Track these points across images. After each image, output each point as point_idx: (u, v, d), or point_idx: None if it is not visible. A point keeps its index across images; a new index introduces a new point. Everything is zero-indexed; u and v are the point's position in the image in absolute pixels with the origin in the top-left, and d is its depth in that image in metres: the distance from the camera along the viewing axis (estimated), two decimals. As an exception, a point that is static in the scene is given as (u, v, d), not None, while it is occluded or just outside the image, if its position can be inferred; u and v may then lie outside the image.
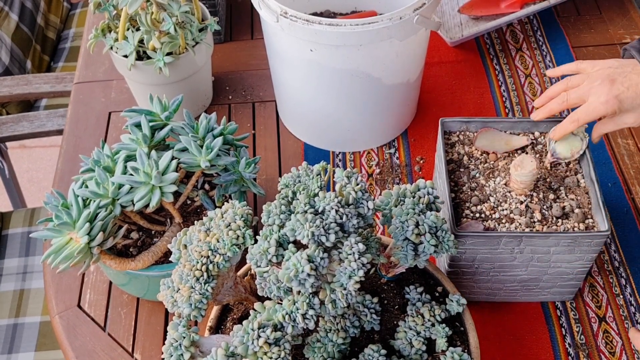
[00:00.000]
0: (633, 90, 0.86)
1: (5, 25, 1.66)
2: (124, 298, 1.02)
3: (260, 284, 0.73)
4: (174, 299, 0.73)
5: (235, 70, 1.33)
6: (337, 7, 1.27)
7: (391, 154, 1.18)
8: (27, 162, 2.39)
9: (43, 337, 1.26)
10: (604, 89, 0.86)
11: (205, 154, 0.89)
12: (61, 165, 1.19)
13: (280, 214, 0.72)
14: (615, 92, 0.85)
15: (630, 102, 0.86)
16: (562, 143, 0.92)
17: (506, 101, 1.25)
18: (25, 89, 1.50)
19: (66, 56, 1.83)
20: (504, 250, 0.86)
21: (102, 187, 0.86)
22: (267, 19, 0.99)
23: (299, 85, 1.10)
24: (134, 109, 0.94)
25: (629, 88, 0.85)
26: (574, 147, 0.92)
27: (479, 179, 0.92)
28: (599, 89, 0.87)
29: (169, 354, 0.70)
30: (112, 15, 1.12)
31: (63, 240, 0.84)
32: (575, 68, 0.93)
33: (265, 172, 1.16)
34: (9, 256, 1.38)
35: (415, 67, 1.10)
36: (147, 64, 1.09)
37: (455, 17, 1.36)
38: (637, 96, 0.86)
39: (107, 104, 1.29)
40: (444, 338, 0.79)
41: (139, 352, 0.96)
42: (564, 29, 1.37)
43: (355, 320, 0.78)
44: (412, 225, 0.73)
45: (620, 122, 0.88)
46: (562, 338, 0.95)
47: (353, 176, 0.73)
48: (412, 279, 0.88)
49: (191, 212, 0.99)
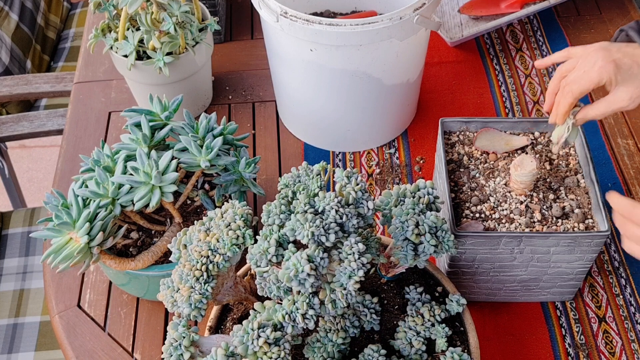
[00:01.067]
0: (629, 58, 0.80)
1: (5, 25, 1.66)
2: (123, 298, 1.02)
3: (260, 283, 0.73)
4: (173, 299, 0.73)
5: (235, 70, 1.33)
6: (337, 7, 1.27)
7: (391, 154, 1.18)
8: (27, 161, 2.39)
9: (43, 337, 1.26)
10: (599, 55, 0.81)
11: (205, 153, 0.89)
12: (61, 165, 1.19)
13: (280, 214, 0.72)
14: (611, 57, 0.80)
15: (627, 70, 0.80)
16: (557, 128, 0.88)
17: (506, 101, 1.25)
18: (25, 89, 1.50)
19: (66, 56, 1.83)
20: (504, 250, 0.86)
21: (102, 187, 0.86)
22: (267, 18, 0.99)
23: (299, 85, 1.10)
24: (134, 109, 0.94)
25: (625, 55, 0.80)
26: (558, 133, 0.88)
27: (479, 179, 0.92)
28: (593, 55, 0.81)
29: (169, 354, 0.70)
30: (112, 15, 1.12)
31: (63, 240, 0.84)
32: (566, 54, 0.88)
33: (265, 172, 1.16)
34: (9, 256, 1.38)
35: (415, 67, 1.10)
36: (147, 64, 1.09)
37: (456, 17, 1.36)
38: (634, 64, 0.80)
39: (107, 103, 1.29)
40: (443, 338, 0.79)
41: (138, 352, 0.96)
42: (564, 29, 1.37)
43: (355, 320, 0.78)
44: (412, 225, 0.73)
45: (613, 100, 0.81)
46: (562, 338, 0.95)
47: (353, 176, 0.73)
48: (412, 279, 0.88)
49: (191, 212, 0.99)
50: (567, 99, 0.83)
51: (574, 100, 0.83)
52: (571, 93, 0.82)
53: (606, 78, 0.80)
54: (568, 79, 0.83)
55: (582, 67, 0.82)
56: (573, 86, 0.82)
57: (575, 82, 0.82)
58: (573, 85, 0.82)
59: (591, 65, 0.81)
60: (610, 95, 0.82)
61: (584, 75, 0.81)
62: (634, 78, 0.80)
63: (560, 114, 0.86)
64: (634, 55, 0.80)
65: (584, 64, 0.82)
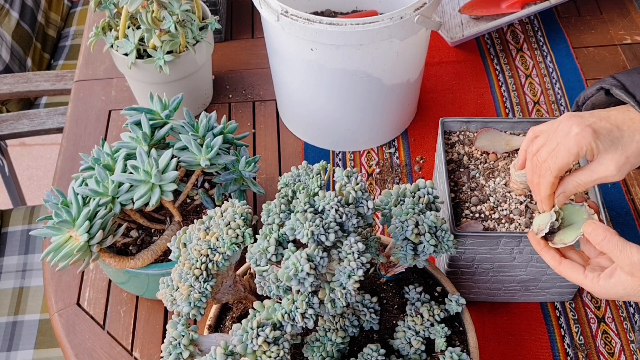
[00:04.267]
0: (606, 121, 0.69)
1: (5, 23, 1.66)
2: (123, 296, 1.02)
3: (260, 282, 0.73)
4: (173, 298, 0.73)
5: (236, 69, 1.33)
6: (338, 6, 1.27)
7: (391, 153, 1.18)
8: (27, 159, 2.39)
9: (42, 335, 1.26)
10: (571, 122, 0.70)
11: (205, 152, 0.89)
12: (61, 163, 1.19)
13: (280, 213, 0.72)
14: (586, 122, 0.69)
15: (607, 135, 0.68)
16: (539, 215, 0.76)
17: (506, 101, 1.25)
18: (25, 87, 1.50)
19: (66, 54, 1.83)
20: (504, 250, 0.86)
21: (102, 185, 0.86)
22: (268, 18, 0.99)
23: (299, 85, 1.10)
24: (134, 108, 0.94)
25: (601, 119, 0.69)
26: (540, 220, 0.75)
27: (479, 179, 0.92)
28: (565, 123, 0.70)
29: (168, 353, 0.70)
30: (112, 14, 1.12)
31: (62, 238, 0.84)
32: (532, 135, 0.76)
33: (265, 171, 1.16)
34: (9, 254, 1.38)
35: (415, 67, 1.10)
36: (147, 63, 1.09)
37: (456, 17, 1.36)
38: (614, 127, 0.69)
39: (107, 102, 1.29)
40: (443, 338, 0.79)
41: (138, 351, 0.96)
42: (565, 29, 1.37)
43: (354, 320, 0.78)
44: (412, 225, 0.73)
45: (597, 169, 0.69)
46: (561, 338, 0.95)
47: (353, 176, 0.73)
48: (412, 278, 0.88)
49: (191, 210, 0.99)
50: (547, 178, 0.71)
51: (554, 179, 0.71)
52: (549, 170, 0.71)
53: (585, 146, 0.68)
54: (541, 156, 0.72)
55: (555, 139, 0.71)
56: (549, 162, 0.70)
57: (552, 157, 0.70)
58: (549, 161, 0.70)
59: (565, 134, 0.69)
60: (594, 164, 0.70)
61: (560, 147, 0.70)
62: (617, 143, 0.68)
63: (544, 197, 0.74)
64: (609, 117, 0.70)
65: (556, 136, 0.71)
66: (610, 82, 0.74)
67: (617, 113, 0.70)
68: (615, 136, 0.68)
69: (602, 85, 0.75)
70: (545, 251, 0.76)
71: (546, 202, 0.74)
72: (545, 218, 0.74)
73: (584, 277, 0.72)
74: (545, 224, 0.74)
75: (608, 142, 0.68)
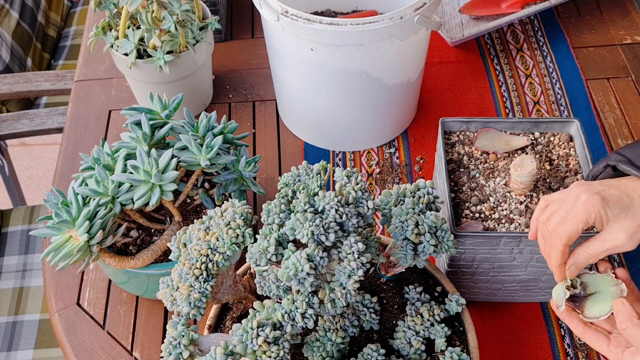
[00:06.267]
0: (616, 189, 0.69)
1: (5, 23, 1.66)
2: (123, 296, 1.02)
3: (260, 282, 0.73)
4: (173, 298, 0.73)
5: (236, 69, 1.33)
6: (338, 6, 1.27)
7: (391, 153, 1.18)
8: (27, 159, 2.39)
9: (42, 335, 1.26)
10: (580, 189, 0.69)
11: (205, 152, 0.89)
12: (61, 163, 1.19)
13: (280, 213, 0.72)
14: (595, 190, 0.68)
15: (616, 202, 0.68)
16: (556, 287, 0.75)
17: (506, 101, 1.25)
18: (25, 87, 1.50)
19: (67, 54, 1.83)
20: (504, 250, 0.86)
21: (102, 185, 0.86)
22: (268, 17, 0.99)
23: (299, 85, 1.10)
24: (134, 107, 0.94)
25: (610, 187, 0.69)
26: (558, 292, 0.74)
27: (479, 179, 0.92)
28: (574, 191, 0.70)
29: (168, 353, 0.70)
30: (112, 14, 1.12)
31: (62, 238, 0.84)
32: (543, 203, 0.75)
33: (265, 171, 1.16)
34: (9, 254, 1.38)
35: (415, 67, 1.10)
36: (147, 63, 1.09)
37: (456, 17, 1.36)
38: (624, 195, 0.68)
39: (107, 102, 1.29)
40: (443, 338, 0.79)
41: (138, 351, 0.96)
42: (565, 29, 1.37)
43: (354, 320, 0.78)
44: (412, 225, 0.73)
45: (608, 238, 0.69)
46: (561, 338, 0.95)
47: (353, 175, 0.73)
48: (412, 278, 0.88)
49: (191, 210, 0.99)
50: (556, 247, 0.71)
51: (563, 247, 0.70)
52: (558, 238, 0.70)
53: (594, 214, 0.68)
54: (550, 225, 0.71)
55: (564, 207, 0.70)
56: (559, 230, 0.70)
57: (560, 225, 0.70)
58: (558, 229, 0.70)
59: (573, 202, 0.69)
60: (604, 233, 0.69)
61: (569, 215, 0.69)
62: (627, 211, 0.67)
63: (555, 267, 0.73)
64: (619, 185, 0.69)
65: (565, 204, 0.70)
66: (616, 158, 0.73)
67: (627, 182, 0.70)
68: (625, 204, 0.68)
69: (608, 162, 0.74)
70: (569, 319, 0.75)
71: (558, 272, 0.73)
72: (560, 289, 0.74)
73: (608, 350, 0.72)
74: (561, 297, 0.73)
75: (618, 209, 0.68)
